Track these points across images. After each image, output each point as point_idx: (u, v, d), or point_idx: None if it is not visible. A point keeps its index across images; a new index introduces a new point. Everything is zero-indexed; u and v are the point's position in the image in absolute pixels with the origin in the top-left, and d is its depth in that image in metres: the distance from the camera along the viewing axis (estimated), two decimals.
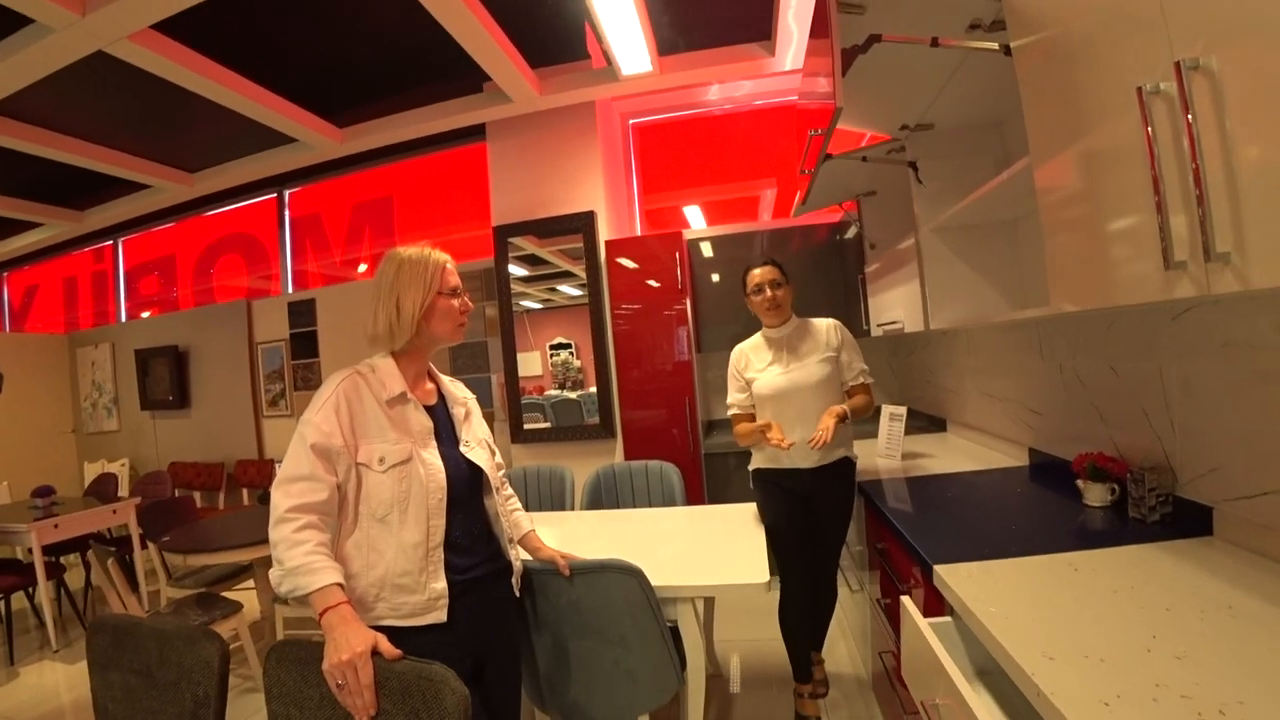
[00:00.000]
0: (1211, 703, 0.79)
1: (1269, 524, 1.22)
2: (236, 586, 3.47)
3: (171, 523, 3.65)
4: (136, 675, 1.33)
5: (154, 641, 1.33)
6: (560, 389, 4.20)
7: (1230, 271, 0.83)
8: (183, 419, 5.68)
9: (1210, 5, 0.83)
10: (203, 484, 5.33)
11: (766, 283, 2.18)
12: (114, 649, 1.37)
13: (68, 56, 2.87)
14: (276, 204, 5.41)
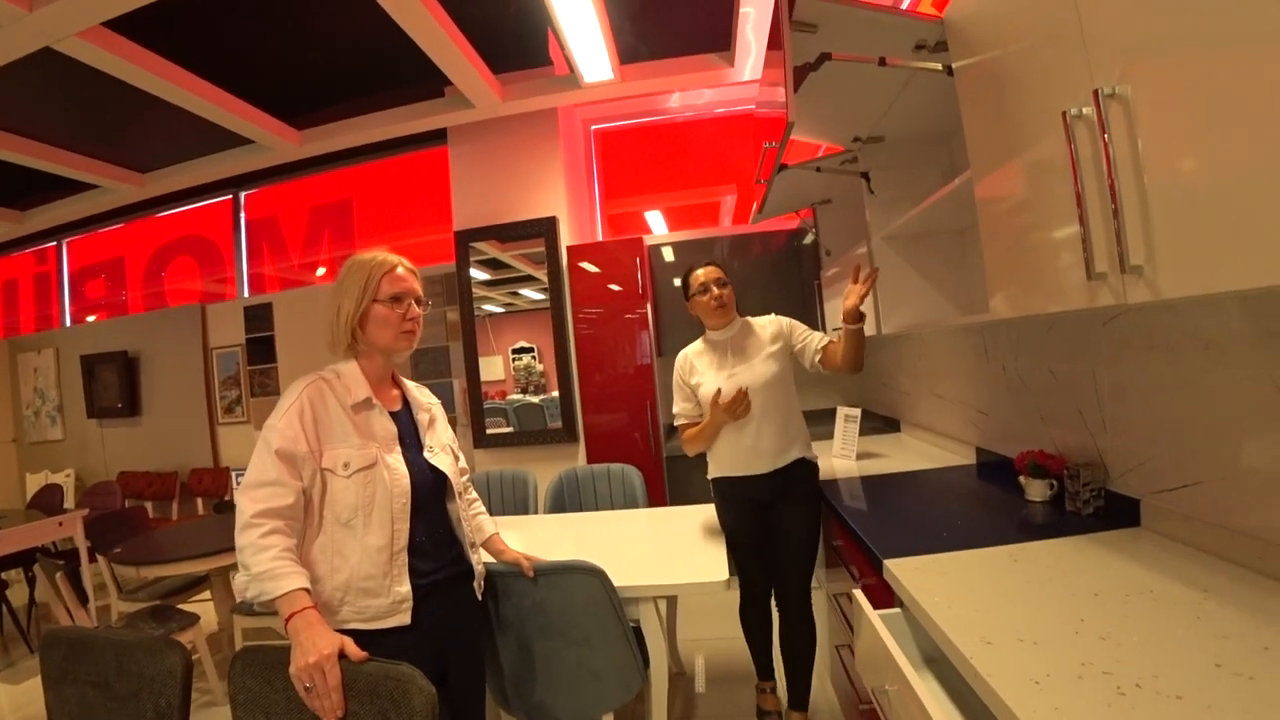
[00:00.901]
0: (1130, 677, 0.86)
1: (1189, 514, 1.32)
2: (192, 598, 3.39)
3: (123, 534, 3.54)
4: (94, 688, 1.31)
5: (112, 653, 1.31)
6: (523, 393, 4.21)
7: (1144, 282, 0.90)
8: (132, 427, 5.50)
9: (1123, 41, 0.91)
10: (154, 494, 5.17)
11: (712, 281, 2.12)
12: (69, 662, 1.35)
13: (12, 53, 2.78)
14: (232, 206, 5.29)
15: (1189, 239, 0.84)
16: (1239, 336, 1.17)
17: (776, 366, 2.10)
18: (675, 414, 2.22)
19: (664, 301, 4.15)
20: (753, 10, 3.04)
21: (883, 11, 1.53)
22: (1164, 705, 0.80)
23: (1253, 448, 1.17)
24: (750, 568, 2.19)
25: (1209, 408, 1.26)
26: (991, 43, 1.29)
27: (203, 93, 3.39)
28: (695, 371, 2.18)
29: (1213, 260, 0.81)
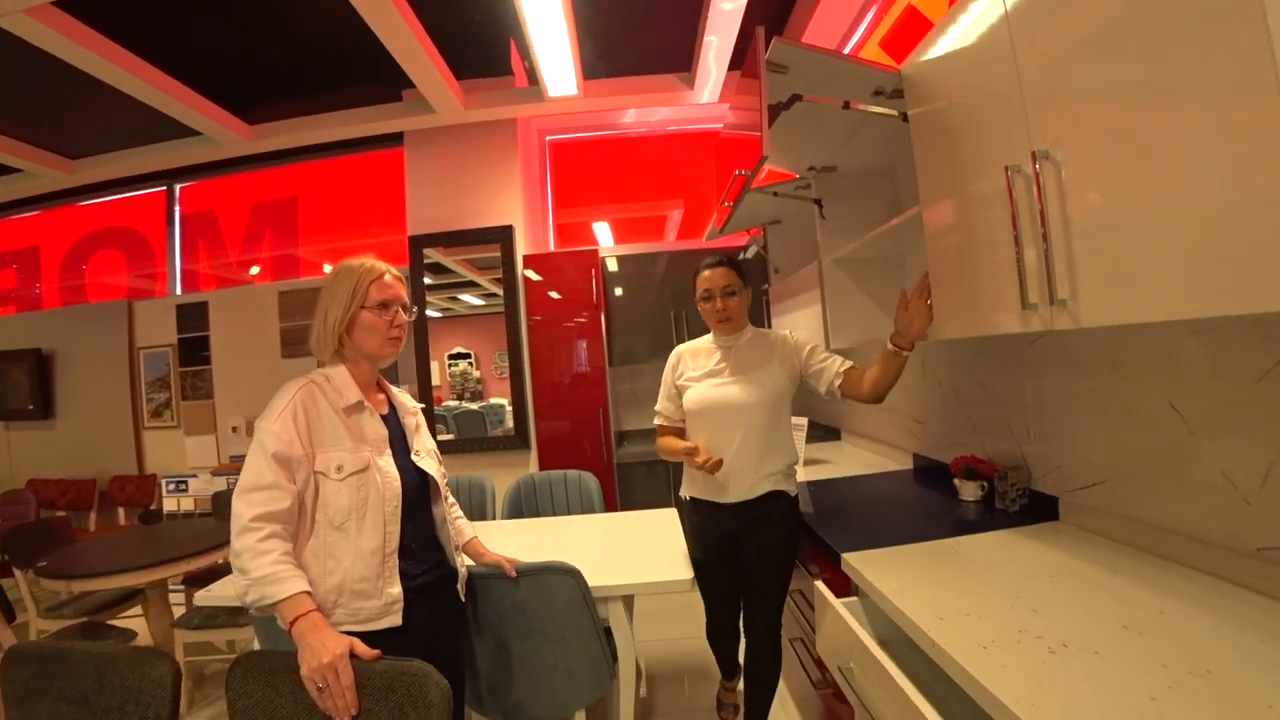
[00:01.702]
0: (1058, 639, 1.04)
1: (1097, 508, 1.55)
2: (122, 614, 3.24)
3: (44, 546, 3.32)
4: (69, 704, 1.26)
5: (91, 666, 1.27)
6: (459, 399, 4.23)
7: (1067, 313, 1.09)
8: (45, 431, 5.14)
9: (1057, 112, 1.09)
10: (69, 503, 4.84)
11: (718, 290, 1.92)
12: (39, 679, 1.29)
13: None
14: (166, 198, 5.05)
15: (1102, 280, 1.03)
16: (1139, 359, 1.40)
17: (773, 389, 1.91)
18: (656, 411, 2.07)
19: (615, 312, 4.27)
20: (715, 39, 3.22)
21: (845, 60, 1.71)
22: (1085, 659, 0.98)
23: (1148, 452, 1.39)
24: (715, 596, 2.10)
25: (1114, 418, 1.49)
26: (944, 96, 1.48)
27: (151, 79, 3.27)
28: (685, 371, 2.01)
29: (1120, 298, 1.00)
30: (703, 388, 1.95)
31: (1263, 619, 1.06)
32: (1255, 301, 0.78)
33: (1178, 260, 0.88)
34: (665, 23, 3.39)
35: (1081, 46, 1.02)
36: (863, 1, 2.94)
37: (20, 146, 4.08)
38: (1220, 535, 1.24)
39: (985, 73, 1.29)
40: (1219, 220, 0.82)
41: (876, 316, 2.49)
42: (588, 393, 3.96)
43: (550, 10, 2.80)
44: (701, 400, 1.94)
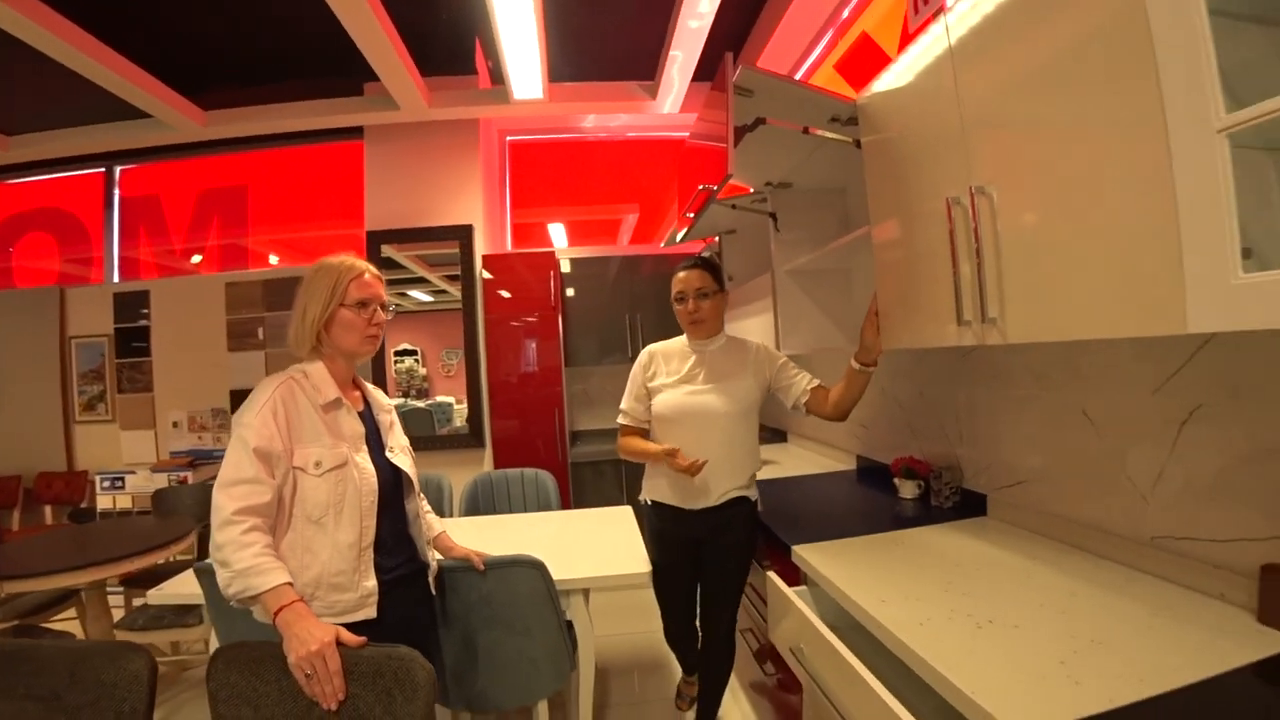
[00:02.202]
0: (985, 617, 1.19)
1: (1020, 504, 1.73)
2: (55, 617, 3.11)
3: None
4: (36, 701, 1.23)
5: (62, 663, 1.25)
6: (404, 397, 4.22)
7: (997, 330, 1.24)
8: None
9: (994, 154, 1.24)
10: None
11: (691, 291, 1.93)
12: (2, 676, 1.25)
13: None
14: (105, 180, 4.83)
15: (1027, 301, 1.18)
16: (1058, 371, 1.57)
17: (746, 400, 1.95)
18: (621, 410, 2.05)
19: (572, 313, 4.34)
20: (681, 54, 3.34)
21: (806, 88, 1.83)
22: (1008, 632, 1.13)
23: (1063, 454, 1.57)
24: (674, 600, 2.14)
25: (1035, 423, 1.66)
26: (894, 128, 1.62)
27: (101, 58, 3.15)
28: (657, 373, 2.00)
29: (1042, 318, 1.15)
30: (677, 394, 1.95)
31: (1152, 595, 1.24)
32: (1148, 326, 0.93)
33: (1089, 287, 1.03)
34: (631, 31, 3.49)
35: (1014, 89, 1.17)
36: (819, 27, 3.11)
37: None
38: (1122, 527, 1.41)
39: (931, 109, 1.43)
40: (1120, 252, 0.97)
41: (826, 326, 2.64)
42: (543, 392, 4.01)
43: (521, 14, 2.85)
44: (676, 406, 1.94)
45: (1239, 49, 0.86)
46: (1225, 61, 0.83)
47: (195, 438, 4.57)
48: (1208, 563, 1.23)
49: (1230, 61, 0.84)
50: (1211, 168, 0.82)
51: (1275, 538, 1.11)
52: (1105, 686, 0.93)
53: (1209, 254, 0.83)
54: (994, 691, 0.94)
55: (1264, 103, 0.77)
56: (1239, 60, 0.85)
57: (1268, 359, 1.11)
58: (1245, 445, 1.15)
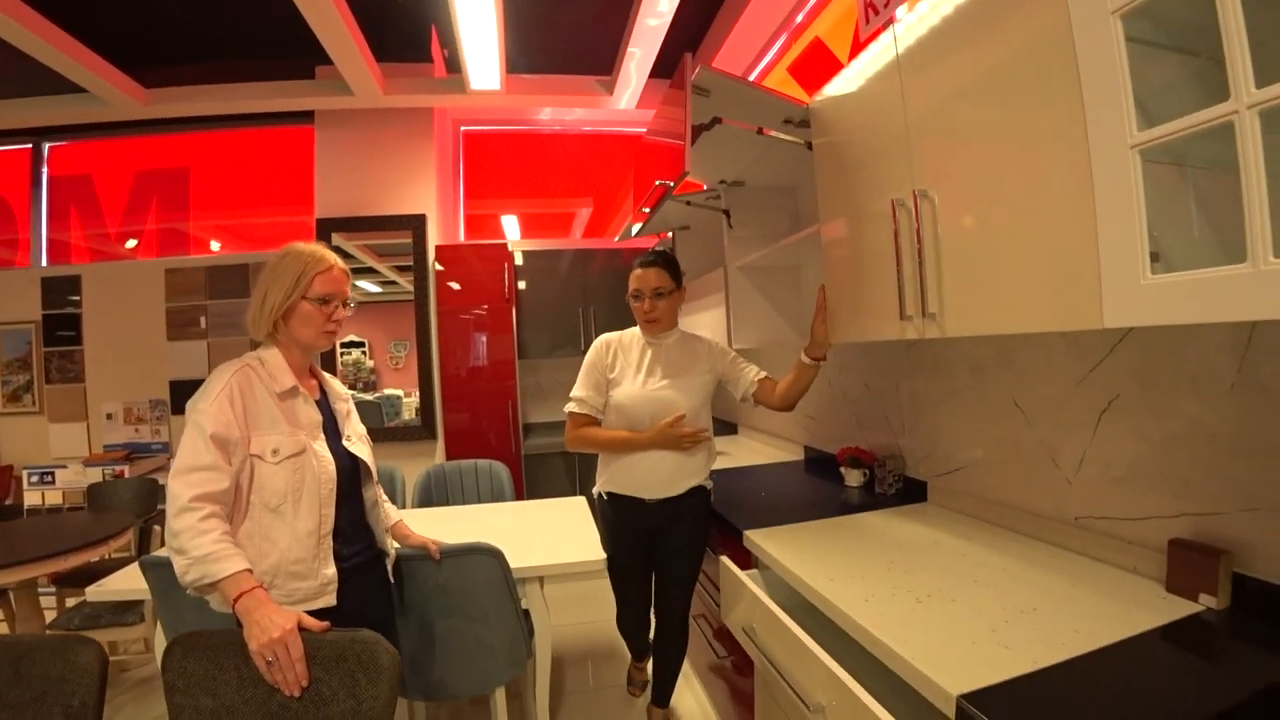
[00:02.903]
0: (924, 592, 1.28)
1: (957, 490, 1.84)
2: None
3: None
4: None
5: (4, 658, 1.20)
6: (351, 389, 4.15)
7: (936, 324, 1.33)
8: None
9: (936, 160, 1.32)
10: None
11: (648, 290, 1.94)
12: None
13: None
14: (31, 157, 4.56)
15: (964, 298, 1.27)
16: (993, 364, 1.68)
17: (702, 393, 1.99)
18: (574, 399, 2.01)
19: (525, 306, 4.32)
20: (639, 50, 3.37)
21: (761, 90, 1.90)
22: (944, 605, 1.22)
23: (997, 442, 1.68)
24: (630, 590, 2.16)
25: (971, 414, 1.77)
26: (844, 131, 1.70)
27: (33, 26, 2.95)
28: (616, 366, 2.00)
29: (977, 313, 1.24)
30: (635, 387, 1.96)
31: (1075, 570, 1.35)
32: (1070, 321, 1.02)
33: (1019, 285, 1.12)
34: (590, 26, 3.50)
35: (955, 99, 1.25)
36: (774, 29, 3.19)
37: None
38: (1049, 509, 1.53)
39: (879, 115, 1.51)
40: (1047, 254, 1.06)
41: (776, 320, 2.73)
42: (497, 385, 4.00)
43: (480, 4, 2.83)
44: (637, 399, 1.95)
45: (1157, 73, 0.95)
46: (1144, 84, 0.92)
47: (132, 430, 4.38)
48: (1123, 539, 1.34)
49: (1148, 85, 0.93)
50: (1125, 179, 0.91)
51: (1182, 515, 1.23)
52: (1032, 650, 1.02)
53: (1122, 257, 0.92)
54: (931, 656, 1.02)
55: (1170, 123, 0.86)
56: (1158, 84, 0.94)
57: (1171, 354, 1.22)
58: (1155, 432, 1.27)
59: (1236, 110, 0.78)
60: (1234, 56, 0.78)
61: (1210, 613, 1.13)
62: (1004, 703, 0.89)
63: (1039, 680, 0.95)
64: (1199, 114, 0.82)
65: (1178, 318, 0.86)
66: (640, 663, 2.51)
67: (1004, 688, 0.92)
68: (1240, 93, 0.78)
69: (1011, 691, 0.92)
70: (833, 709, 1.09)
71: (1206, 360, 1.16)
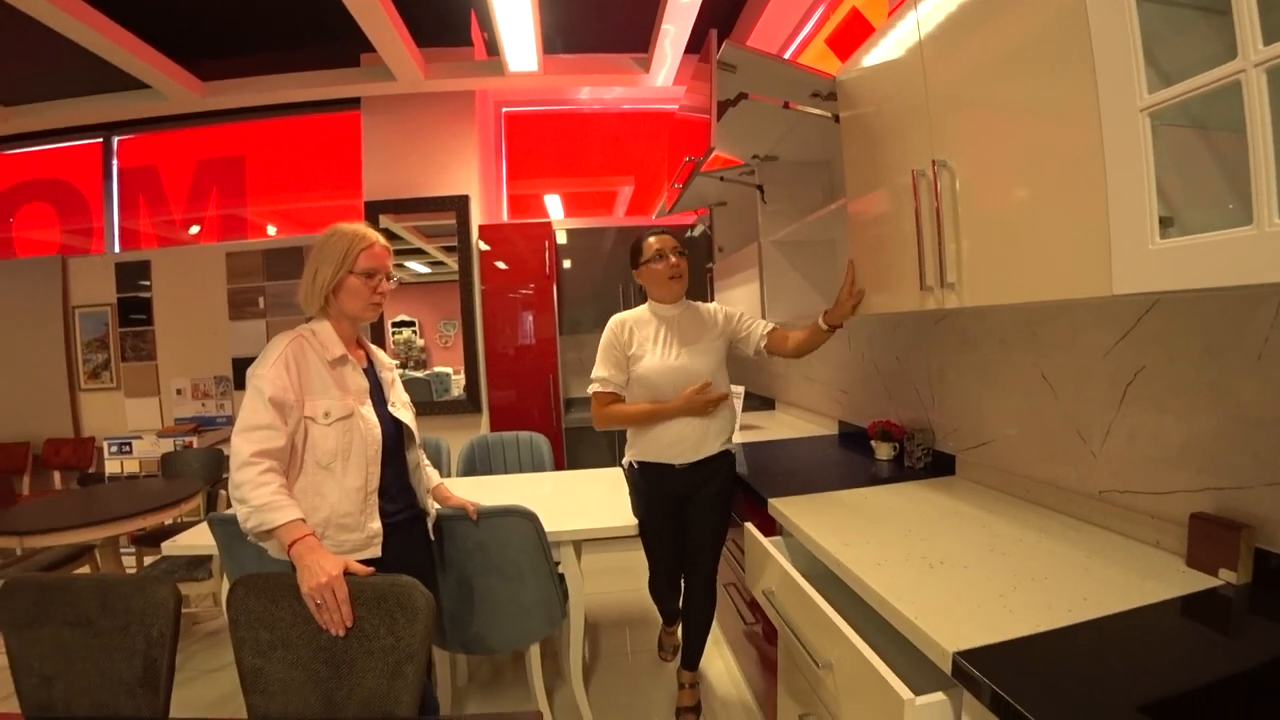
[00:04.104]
0: (938, 558, 1.30)
1: (984, 464, 1.83)
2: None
3: None
4: (72, 627, 1.35)
5: (94, 593, 1.36)
6: (403, 368, 4.30)
7: (955, 294, 1.33)
8: None
9: (955, 130, 1.32)
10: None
11: (670, 249, 2.00)
12: (39, 606, 1.37)
13: None
14: (103, 150, 4.85)
15: (978, 267, 1.27)
16: (1020, 336, 1.66)
17: (717, 357, 2.06)
18: (598, 379, 2.06)
19: (566, 283, 4.41)
20: (673, 27, 3.37)
21: (788, 65, 1.90)
22: (956, 571, 1.24)
23: (1024, 415, 1.67)
24: (660, 554, 2.21)
25: (999, 387, 1.76)
26: (868, 105, 1.69)
27: (99, 26, 3.16)
28: (635, 341, 2.05)
29: (991, 283, 1.25)
30: (656, 358, 2.01)
31: (1094, 542, 1.35)
32: (1080, 288, 1.02)
33: (1032, 253, 1.13)
34: (623, 2, 3.51)
35: (974, 70, 1.25)
36: (810, 2, 3.14)
37: None
38: (1073, 482, 1.52)
39: (901, 87, 1.50)
40: (1059, 221, 1.06)
41: (810, 294, 2.73)
42: (538, 361, 4.11)
43: None
44: (661, 370, 1.99)
45: (1176, 32, 0.93)
46: (1163, 45, 0.91)
47: (199, 404, 4.67)
48: (1146, 513, 1.33)
49: (1167, 45, 0.92)
50: (1135, 143, 0.90)
51: (1205, 489, 1.21)
52: (1035, 615, 1.04)
53: (1131, 222, 0.92)
54: (935, 617, 1.05)
55: (1180, 84, 0.85)
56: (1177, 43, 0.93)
57: (1198, 325, 1.20)
58: (1181, 404, 1.25)
59: (1244, 69, 0.77)
60: (1241, 13, 0.77)
61: (1229, 587, 1.11)
62: (999, 661, 0.91)
63: (1037, 641, 0.97)
64: (1206, 74, 0.81)
65: (1184, 283, 0.86)
66: (670, 627, 2.57)
67: (1001, 647, 0.95)
68: (1248, 50, 0.76)
69: (1008, 651, 0.94)
70: (839, 665, 1.14)
71: (1234, 331, 1.14)
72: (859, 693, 1.08)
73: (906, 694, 0.94)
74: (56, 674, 1.35)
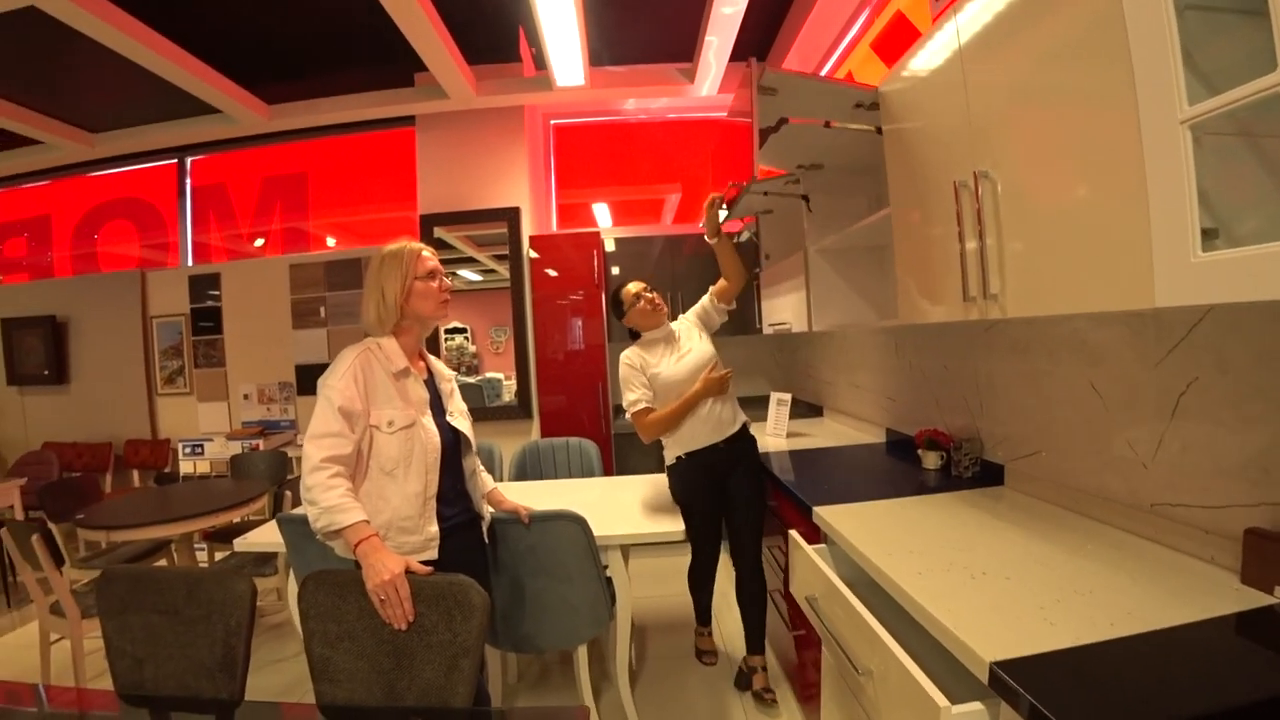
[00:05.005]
0: (980, 569, 1.30)
1: (1032, 475, 1.81)
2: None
3: (74, 502, 3.52)
4: (161, 614, 1.47)
5: (182, 583, 1.49)
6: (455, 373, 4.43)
7: (998, 305, 1.33)
8: (59, 395, 5.29)
9: (996, 142, 1.33)
10: (84, 465, 5.02)
11: (642, 289, 2.41)
12: (132, 594, 1.50)
13: None
14: (177, 170, 5.18)
15: (1020, 278, 1.27)
16: (1067, 344, 1.64)
17: (710, 348, 2.44)
18: (634, 401, 2.34)
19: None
20: (716, 39, 3.41)
21: (828, 81, 1.92)
22: (998, 583, 1.24)
23: (1073, 425, 1.64)
24: (705, 534, 2.46)
25: (1048, 396, 1.74)
26: (911, 116, 1.70)
27: (175, 58, 3.40)
28: (649, 363, 2.38)
29: (1033, 294, 1.25)
30: (671, 365, 2.38)
31: (1143, 556, 1.33)
32: (1123, 301, 1.02)
33: (1074, 265, 1.13)
34: (667, 13, 3.56)
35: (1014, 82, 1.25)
36: (855, 6, 3.13)
37: (44, 120, 4.21)
38: (1123, 494, 1.49)
39: (943, 98, 1.51)
40: (1100, 234, 1.06)
41: (856, 302, 2.73)
42: (587, 367, 4.18)
43: (562, 5, 2.96)
44: (681, 372, 2.36)
45: (1219, 39, 0.93)
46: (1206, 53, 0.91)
47: (264, 409, 4.92)
48: (1199, 528, 1.30)
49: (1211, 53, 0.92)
50: (1175, 156, 0.90)
51: (1261, 504, 1.18)
52: (1077, 628, 1.04)
53: (1172, 234, 0.92)
54: (973, 626, 1.06)
55: (1220, 96, 0.85)
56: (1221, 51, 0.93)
57: (1253, 335, 1.17)
58: (1235, 416, 1.22)
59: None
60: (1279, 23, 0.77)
61: None
62: (1038, 672, 0.92)
63: (1078, 654, 0.97)
64: (1245, 87, 0.81)
65: (1229, 295, 0.86)
66: (704, 628, 2.71)
67: (1040, 659, 0.95)
68: None
69: (1047, 662, 0.95)
70: (879, 672, 1.16)
71: None
72: (897, 700, 1.10)
73: (943, 702, 0.96)
74: (146, 656, 1.47)
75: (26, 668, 3.01)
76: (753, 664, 2.48)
